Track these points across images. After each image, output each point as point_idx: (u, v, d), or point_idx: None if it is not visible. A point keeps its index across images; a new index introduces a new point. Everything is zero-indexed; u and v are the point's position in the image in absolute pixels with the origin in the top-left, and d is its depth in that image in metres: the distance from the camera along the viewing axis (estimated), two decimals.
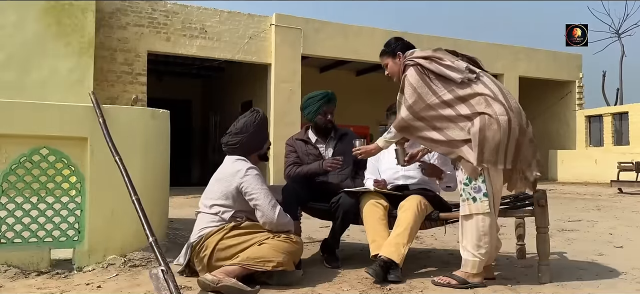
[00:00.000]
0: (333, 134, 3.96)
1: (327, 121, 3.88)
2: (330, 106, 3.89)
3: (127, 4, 11.63)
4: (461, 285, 3.00)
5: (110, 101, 10.89)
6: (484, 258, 2.99)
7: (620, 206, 8.54)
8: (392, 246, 3.16)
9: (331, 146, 3.92)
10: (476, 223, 2.97)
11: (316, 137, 3.97)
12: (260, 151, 3.42)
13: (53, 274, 3.20)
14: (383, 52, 3.41)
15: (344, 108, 16.86)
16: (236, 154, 3.32)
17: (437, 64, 3.09)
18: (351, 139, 3.91)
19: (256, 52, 12.99)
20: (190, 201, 8.35)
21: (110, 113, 3.48)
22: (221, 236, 3.05)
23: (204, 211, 3.21)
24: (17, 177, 3.30)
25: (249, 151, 3.34)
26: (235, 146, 3.32)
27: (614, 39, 25.25)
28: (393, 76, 3.35)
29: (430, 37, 15.27)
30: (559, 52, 17.37)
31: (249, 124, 3.35)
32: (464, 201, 3.00)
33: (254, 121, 3.36)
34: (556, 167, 17.15)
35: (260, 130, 3.39)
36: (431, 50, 3.21)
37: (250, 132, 3.33)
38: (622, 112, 16.79)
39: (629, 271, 3.50)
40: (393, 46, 3.35)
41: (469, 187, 2.98)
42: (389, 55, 3.36)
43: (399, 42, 3.38)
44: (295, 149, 3.95)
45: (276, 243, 3.03)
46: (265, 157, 3.50)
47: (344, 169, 3.85)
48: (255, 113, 3.41)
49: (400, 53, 3.29)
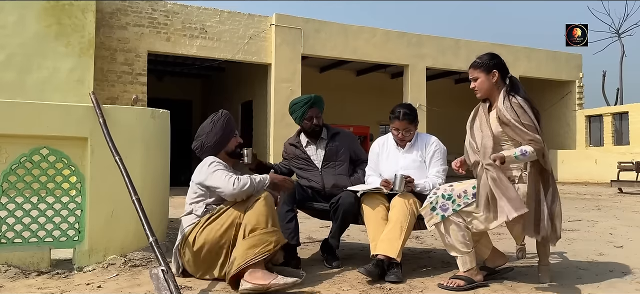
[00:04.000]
0: (324, 135, 3.95)
1: (313, 124, 3.89)
2: (315, 109, 3.88)
3: (127, 4, 11.64)
4: (469, 285, 3.02)
5: (110, 101, 10.90)
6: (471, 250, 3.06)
7: (620, 205, 8.54)
8: (385, 243, 3.18)
9: (322, 147, 3.92)
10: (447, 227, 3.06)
11: (307, 140, 3.97)
12: (226, 149, 3.41)
13: (53, 274, 3.20)
14: (476, 65, 3.19)
15: (344, 108, 17.04)
16: (204, 156, 3.35)
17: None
18: (343, 137, 3.95)
19: (256, 52, 13.00)
20: None
21: (111, 113, 3.48)
22: (196, 231, 3.08)
23: (183, 214, 3.27)
24: (18, 177, 3.30)
25: (214, 151, 3.35)
26: (198, 149, 3.37)
27: (614, 39, 25.29)
28: (480, 91, 3.19)
29: (431, 37, 15.29)
30: (559, 52, 17.39)
31: (205, 126, 3.40)
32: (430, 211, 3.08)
33: (210, 121, 3.40)
34: (556, 167, 17.15)
35: (219, 128, 3.37)
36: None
37: (207, 132, 3.35)
38: (622, 112, 16.80)
39: (629, 270, 3.50)
40: (489, 62, 3.16)
41: (443, 200, 3.05)
42: (482, 70, 3.16)
43: (495, 59, 3.20)
44: (287, 153, 4.03)
45: (253, 212, 3.03)
46: (236, 155, 3.45)
47: (338, 169, 3.86)
48: (214, 115, 3.44)
49: (497, 72, 3.14)
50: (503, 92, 3.11)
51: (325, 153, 3.88)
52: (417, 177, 3.51)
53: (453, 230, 3.04)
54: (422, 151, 3.62)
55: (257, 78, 14.09)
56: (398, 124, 3.58)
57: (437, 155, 3.61)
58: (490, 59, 3.18)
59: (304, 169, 3.91)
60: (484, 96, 3.19)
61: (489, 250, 3.37)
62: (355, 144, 4.09)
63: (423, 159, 3.60)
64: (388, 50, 14.57)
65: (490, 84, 3.14)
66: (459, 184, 3.14)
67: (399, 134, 3.60)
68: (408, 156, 3.61)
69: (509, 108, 3.02)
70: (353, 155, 3.97)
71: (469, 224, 3.03)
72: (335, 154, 3.88)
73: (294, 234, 3.49)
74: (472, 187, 3.04)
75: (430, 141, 3.67)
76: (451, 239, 3.06)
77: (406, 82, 15.06)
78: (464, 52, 15.25)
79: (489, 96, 3.18)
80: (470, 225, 3.03)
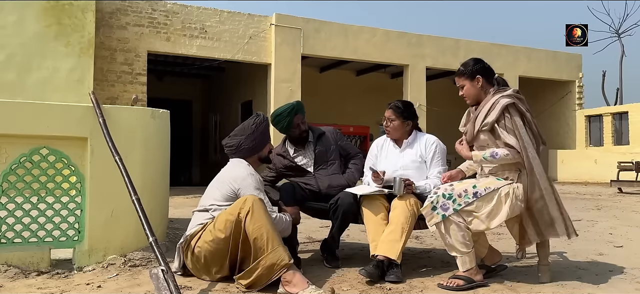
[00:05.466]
0: (311, 138, 3.93)
1: (301, 131, 3.86)
2: (299, 116, 3.83)
3: (127, 4, 11.64)
4: (468, 285, 3.02)
5: (110, 101, 10.90)
6: (471, 250, 3.06)
7: (620, 205, 8.54)
8: (385, 244, 3.18)
9: (311, 150, 3.89)
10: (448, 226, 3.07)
11: (294, 148, 3.92)
12: (260, 154, 3.42)
13: (53, 274, 3.20)
14: (460, 73, 3.26)
15: (344, 108, 17.03)
16: (235, 157, 3.34)
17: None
18: (329, 136, 3.95)
19: (256, 52, 12.99)
20: (190, 201, 8.35)
21: (110, 113, 3.48)
22: (201, 235, 3.04)
23: (199, 209, 3.22)
24: (17, 177, 3.30)
25: (248, 154, 3.34)
26: (232, 148, 3.34)
27: (613, 39, 25.27)
28: (468, 98, 3.26)
29: (431, 37, 15.29)
30: (558, 52, 17.38)
31: (246, 127, 3.36)
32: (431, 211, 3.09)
33: (252, 123, 3.37)
34: (556, 167, 17.16)
35: (259, 133, 3.37)
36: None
37: (248, 134, 3.33)
38: (622, 112, 16.80)
39: (629, 270, 3.50)
40: (472, 68, 3.23)
41: (444, 199, 3.06)
42: (466, 77, 3.23)
43: (478, 64, 3.25)
44: (275, 164, 3.91)
45: (264, 231, 2.89)
46: (267, 160, 3.50)
47: (331, 168, 3.85)
48: (256, 116, 3.42)
49: (480, 77, 3.20)
50: (490, 96, 3.18)
51: (316, 156, 3.87)
52: (416, 177, 3.51)
53: (453, 230, 3.04)
54: (422, 151, 3.62)
55: (257, 78, 14.08)
56: (386, 112, 3.66)
57: (437, 156, 3.60)
58: (473, 65, 3.25)
59: (294, 176, 3.88)
60: (473, 102, 3.27)
61: (485, 249, 3.40)
62: (342, 139, 4.09)
63: (423, 159, 3.60)
64: (388, 50, 14.57)
65: (477, 90, 3.22)
66: (459, 183, 3.15)
67: (385, 122, 3.67)
68: (407, 156, 3.61)
69: (493, 112, 3.09)
70: (342, 151, 3.99)
71: (469, 224, 3.04)
72: (325, 155, 3.88)
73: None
74: (473, 187, 3.05)
75: (430, 140, 3.66)
76: (451, 239, 3.06)
77: (406, 82, 15.06)
78: (463, 52, 15.24)
79: (478, 101, 3.24)
80: (470, 225, 3.04)
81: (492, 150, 3.10)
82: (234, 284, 2.97)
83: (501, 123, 3.09)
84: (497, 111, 3.07)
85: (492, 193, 3.03)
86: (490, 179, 3.12)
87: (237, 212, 2.93)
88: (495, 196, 3.02)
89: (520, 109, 3.12)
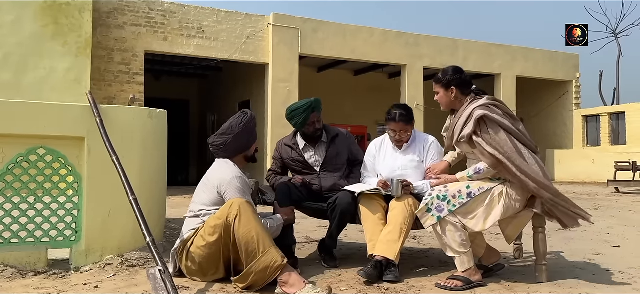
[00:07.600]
0: (324, 138, 3.91)
1: (316, 129, 3.85)
2: (315, 114, 3.81)
3: (124, 4, 11.62)
4: (466, 285, 3.02)
5: (107, 101, 10.88)
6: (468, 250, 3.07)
7: (617, 205, 8.56)
8: (384, 244, 3.19)
9: (322, 150, 3.87)
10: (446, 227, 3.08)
11: (304, 143, 3.91)
12: (246, 153, 3.37)
13: (50, 275, 3.19)
14: (437, 80, 3.33)
15: (342, 108, 17.02)
16: (221, 156, 3.30)
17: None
18: (343, 139, 3.91)
19: (254, 51, 12.98)
20: (187, 201, 8.32)
21: (108, 113, 3.47)
22: (194, 240, 3.04)
23: (190, 215, 3.21)
24: (14, 177, 3.29)
25: (234, 153, 3.30)
26: (219, 147, 3.29)
27: (611, 39, 25.38)
28: (442, 105, 3.35)
29: (428, 37, 15.30)
30: (556, 52, 17.41)
31: (234, 125, 3.30)
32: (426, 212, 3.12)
33: (240, 122, 3.31)
34: (553, 167, 17.19)
35: (246, 132, 3.32)
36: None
37: (236, 133, 3.28)
38: (619, 112, 16.84)
39: (626, 270, 3.51)
40: (449, 78, 3.28)
41: (438, 201, 3.08)
42: (441, 85, 3.30)
43: (456, 74, 3.29)
44: (281, 155, 3.93)
45: (256, 234, 2.88)
46: (253, 159, 3.44)
47: (337, 171, 3.84)
48: (243, 115, 3.36)
49: (454, 88, 3.25)
50: (466, 105, 3.22)
51: (326, 157, 3.85)
52: (414, 177, 3.51)
53: (450, 231, 3.05)
54: (420, 151, 3.62)
55: (254, 78, 14.07)
56: (394, 126, 3.57)
57: (435, 156, 3.61)
58: (451, 75, 3.29)
59: (300, 171, 3.89)
60: (446, 109, 3.36)
61: (483, 249, 3.40)
62: (354, 145, 4.05)
63: (421, 159, 3.60)
64: (386, 50, 14.57)
65: (449, 100, 3.30)
66: (454, 184, 3.16)
67: (396, 135, 3.59)
68: (406, 157, 3.61)
69: (469, 123, 3.13)
70: (351, 156, 3.95)
71: (465, 225, 3.05)
72: (335, 157, 3.85)
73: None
74: (467, 187, 3.07)
75: (428, 141, 3.67)
76: (448, 239, 3.06)
77: (404, 82, 15.06)
78: (461, 52, 15.27)
79: (452, 108, 3.32)
80: (466, 225, 3.04)
81: (474, 167, 3.17)
82: (232, 284, 2.97)
83: (478, 135, 3.11)
84: (472, 124, 3.11)
85: (486, 193, 3.06)
86: (484, 180, 3.14)
87: (225, 216, 2.92)
88: (489, 196, 3.06)
89: (495, 119, 3.12)
